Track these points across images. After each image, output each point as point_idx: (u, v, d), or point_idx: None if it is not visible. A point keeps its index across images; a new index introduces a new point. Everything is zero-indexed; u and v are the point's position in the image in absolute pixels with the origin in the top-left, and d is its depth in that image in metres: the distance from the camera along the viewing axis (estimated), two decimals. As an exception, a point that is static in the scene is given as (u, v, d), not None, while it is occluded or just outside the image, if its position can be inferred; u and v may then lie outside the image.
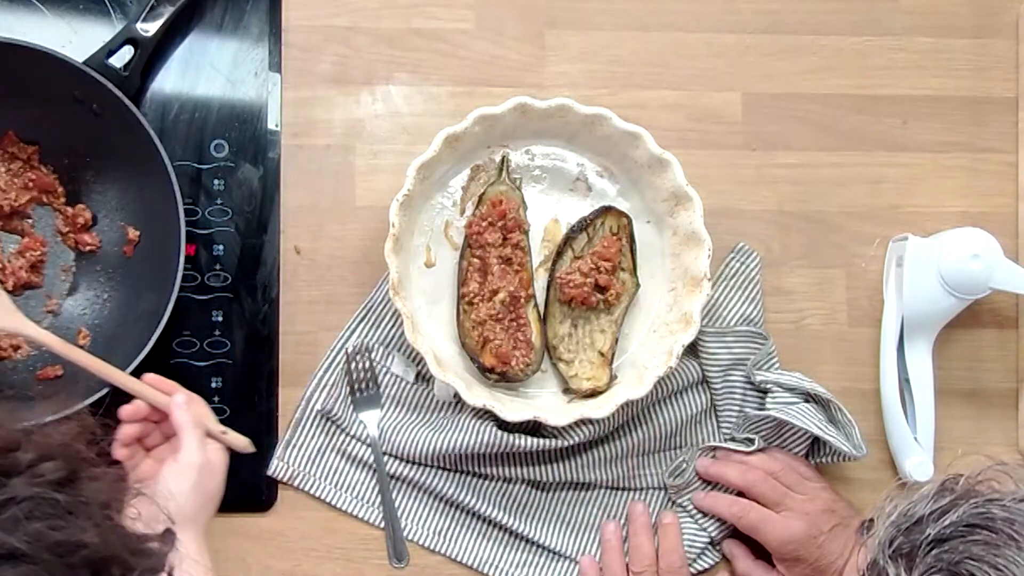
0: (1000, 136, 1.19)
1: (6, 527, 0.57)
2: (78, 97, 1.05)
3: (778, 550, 1.06)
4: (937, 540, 0.71)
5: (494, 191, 1.09)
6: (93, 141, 1.08)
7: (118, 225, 1.11)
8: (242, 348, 1.11)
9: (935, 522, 0.72)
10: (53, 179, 1.10)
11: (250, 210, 1.12)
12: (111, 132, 1.05)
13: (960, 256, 1.09)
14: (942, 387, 1.13)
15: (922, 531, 0.72)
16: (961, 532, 0.71)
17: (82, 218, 1.10)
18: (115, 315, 1.10)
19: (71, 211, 1.10)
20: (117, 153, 1.07)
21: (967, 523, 0.72)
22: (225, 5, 1.14)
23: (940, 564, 0.70)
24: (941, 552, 0.71)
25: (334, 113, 1.14)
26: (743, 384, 1.12)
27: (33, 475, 0.60)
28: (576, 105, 1.07)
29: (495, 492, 1.11)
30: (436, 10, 1.16)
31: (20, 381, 1.08)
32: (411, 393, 1.11)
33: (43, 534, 0.58)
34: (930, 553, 0.71)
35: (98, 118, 1.05)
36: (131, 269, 1.10)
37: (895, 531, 0.74)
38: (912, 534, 0.73)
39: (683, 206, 1.08)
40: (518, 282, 1.07)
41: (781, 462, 1.09)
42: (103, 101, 1.04)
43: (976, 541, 0.70)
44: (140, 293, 1.08)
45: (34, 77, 1.04)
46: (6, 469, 0.60)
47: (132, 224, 1.10)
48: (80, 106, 1.05)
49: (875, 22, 1.19)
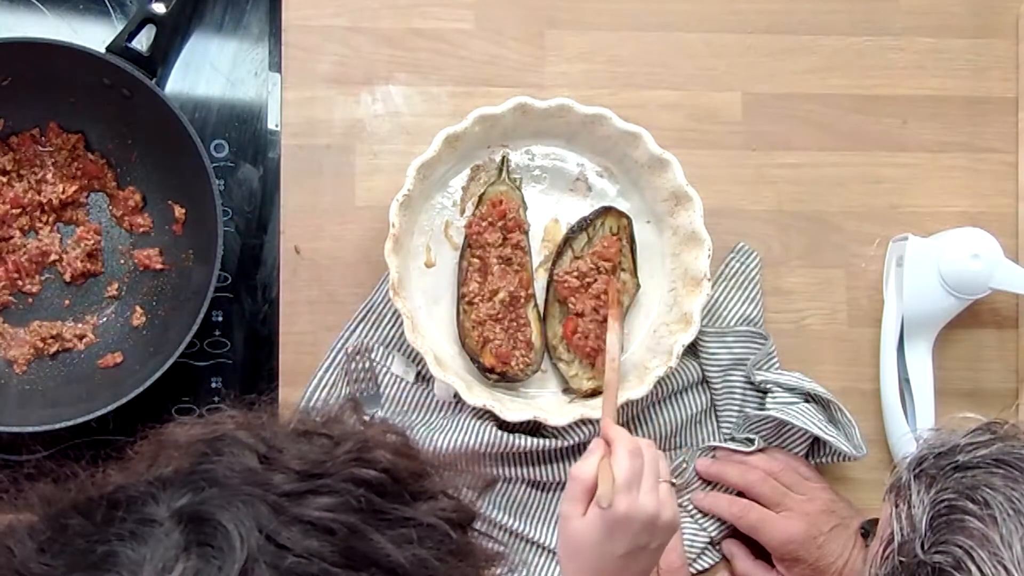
0: (1000, 136, 1.19)
1: (398, 541, 0.58)
2: (107, 83, 1.06)
3: (778, 550, 1.06)
4: (962, 467, 0.73)
5: (494, 191, 1.09)
6: (131, 123, 1.10)
7: (166, 204, 1.11)
8: (242, 348, 1.11)
9: (967, 452, 0.74)
10: (101, 164, 1.11)
11: (250, 210, 1.12)
12: (144, 112, 1.06)
13: (960, 256, 1.09)
14: (942, 387, 1.13)
15: (952, 458, 0.74)
16: (987, 464, 0.73)
17: (133, 200, 1.11)
18: (168, 295, 1.11)
19: (122, 194, 1.11)
20: (151, 133, 1.08)
21: (995, 458, 0.73)
22: (225, 5, 1.14)
23: (958, 487, 0.72)
24: (962, 477, 0.72)
25: (334, 113, 1.14)
26: (743, 384, 1.12)
27: (436, 506, 0.62)
28: (576, 105, 1.07)
29: (495, 492, 1.11)
30: (436, 10, 1.16)
31: (82, 369, 1.09)
32: (411, 393, 1.11)
33: (428, 562, 0.59)
34: (952, 476, 0.73)
35: (130, 100, 1.07)
36: (181, 247, 1.11)
37: (927, 452, 0.75)
38: (942, 459, 0.74)
39: (683, 206, 1.08)
40: (518, 282, 1.07)
41: (781, 462, 1.09)
42: (131, 84, 1.05)
43: (998, 474, 0.72)
44: (191, 271, 1.09)
45: (62, 70, 1.06)
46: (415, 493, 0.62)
47: (177, 202, 1.11)
48: (112, 91, 1.07)
49: (875, 22, 1.19)
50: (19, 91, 1.08)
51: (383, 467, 0.60)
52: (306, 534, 0.56)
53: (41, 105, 1.09)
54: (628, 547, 0.87)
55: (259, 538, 0.55)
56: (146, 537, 0.56)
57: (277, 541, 0.55)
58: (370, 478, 0.60)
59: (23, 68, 1.06)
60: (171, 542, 0.55)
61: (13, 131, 1.10)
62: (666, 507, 0.88)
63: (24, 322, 1.09)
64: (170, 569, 0.54)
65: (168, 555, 0.55)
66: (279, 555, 0.55)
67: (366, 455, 0.61)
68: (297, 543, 0.55)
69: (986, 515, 0.70)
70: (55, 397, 1.07)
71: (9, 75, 1.07)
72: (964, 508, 0.70)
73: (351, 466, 0.60)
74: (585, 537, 0.88)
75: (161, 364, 1.01)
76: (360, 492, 0.59)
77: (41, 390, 1.08)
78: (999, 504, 0.70)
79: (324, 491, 0.58)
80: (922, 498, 0.72)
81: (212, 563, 0.54)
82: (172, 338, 1.04)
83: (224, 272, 1.11)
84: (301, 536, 0.56)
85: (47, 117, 1.10)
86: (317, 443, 0.61)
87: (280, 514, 0.56)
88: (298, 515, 0.57)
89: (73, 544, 0.57)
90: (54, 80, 1.07)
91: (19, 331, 1.09)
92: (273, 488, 0.58)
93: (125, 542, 0.56)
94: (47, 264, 1.10)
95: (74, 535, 0.58)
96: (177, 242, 1.11)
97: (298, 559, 0.55)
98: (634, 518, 0.87)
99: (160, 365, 1.01)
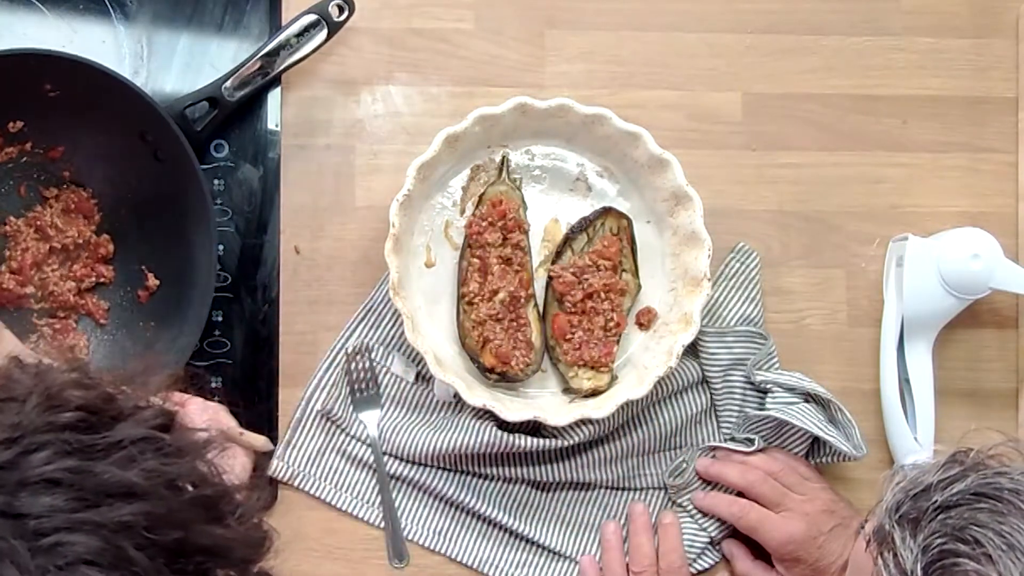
0: (1000, 136, 1.19)
1: (122, 464, 0.59)
2: (147, 139, 1.05)
3: (778, 550, 1.06)
4: (944, 507, 0.72)
5: (494, 191, 1.09)
6: (142, 182, 1.08)
7: (139, 268, 1.10)
8: (242, 348, 1.11)
9: (943, 490, 0.73)
10: (92, 204, 1.10)
11: (250, 210, 1.12)
12: (167, 181, 1.05)
13: (960, 256, 1.09)
14: (942, 387, 1.13)
15: (929, 498, 0.73)
16: (968, 500, 0.72)
17: (104, 248, 1.10)
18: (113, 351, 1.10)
19: (95, 239, 1.10)
20: (165, 202, 1.07)
21: (974, 492, 0.72)
22: (225, 5, 1.14)
23: (945, 529, 0.71)
24: (947, 518, 0.71)
25: (334, 113, 1.14)
26: (743, 384, 1.12)
27: (136, 420, 0.63)
28: (576, 105, 1.07)
29: (495, 492, 1.11)
30: (436, 10, 1.16)
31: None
32: (411, 393, 1.11)
33: (158, 470, 0.60)
34: (936, 519, 0.71)
35: (159, 163, 1.06)
36: (141, 315, 1.10)
37: (903, 496, 0.74)
38: (919, 500, 0.73)
39: (683, 206, 1.08)
40: (518, 282, 1.07)
41: (781, 462, 1.09)
42: (169, 150, 1.04)
43: (982, 509, 0.71)
44: (150, 343, 1.08)
45: (110, 106, 1.04)
46: (111, 415, 0.62)
47: (154, 272, 1.10)
48: (146, 146, 1.06)
49: (875, 22, 1.19)
50: (59, 108, 1.06)
51: (75, 405, 0.61)
52: (36, 494, 0.57)
53: (66, 127, 1.08)
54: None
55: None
56: None
57: (12, 513, 0.56)
58: (68, 420, 0.60)
59: (78, 89, 1.03)
60: None
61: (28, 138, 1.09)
62: None
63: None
64: None
65: None
66: (20, 525, 0.56)
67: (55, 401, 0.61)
68: (32, 506, 0.57)
69: (980, 554, 0.68)
70: None
71: (60, 90, 1.05)
72: (956, 551, 0.69)
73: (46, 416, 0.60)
74: None
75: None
76: (66, 436, 0.59)
77: None
78: (990, 541, 0.69)
79: (33, 449, 0.59)
80: (909, 545, 0.71)
81: None
82: None
83: (224, 272, 1.11)
84: (32, 498, 0.57)
85: (62, 141, 1.09)
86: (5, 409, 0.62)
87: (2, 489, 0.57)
88: (20, 480, 0.57)
89: None
90: (96, 112, 1.05)
91: None
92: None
93: None
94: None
95: None
96: (137, 308, 1.10)
97: (39, 520, 0.56)
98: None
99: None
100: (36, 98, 1.05)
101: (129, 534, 0.57)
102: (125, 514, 0.58)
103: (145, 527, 0.58)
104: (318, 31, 1.10)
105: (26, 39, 1.11)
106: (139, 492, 0.59)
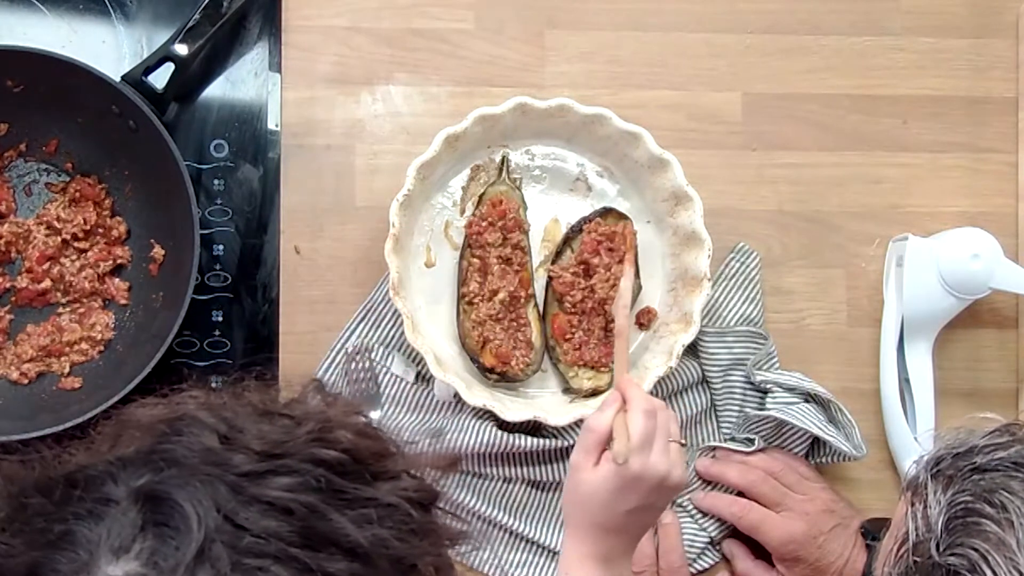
0: (1000, 136, 1.19)
1: (358, 521, 0.58)
2: (116, 111, 1.05)
3: (778, 550, 1.06)
4: (981, 469, 0.72)
5: (494, 191, 1.09)
6: (131, 155, 1.09)
7: (148, 242, 1.11)
8: (242, 348, 1.11)
9: (986, 454, 0.73)
10: (99, 190, 1.11)
11: (250, 210, 1.12)
12: (145, 147, 1.06)
13: (960, 256, 1.09)
14: (942, 387, 1.13)
15: (970, 458, 0.73)
16: (1006, 467, 0.72)
17: (116, 231, 1.11)
18: (131, 333, 1.10)
19: (108, 223, 1.11)
20: (149, 169, 1.08)
21: (1014, 460, 0.72)
22: (225, 5, 1.14)
23: (977, 489, 0.71)
24: (980, 479, 0.72)
25: (334, 113, 1.14)
26: (743, 384, 1.12)
27: (398, 486, 0.62)
28: (576, 105, 1.07)
29: (495, 492, 1.11)
30: (436, 10, 1.16)
31: (39, 386, 1.08)
32: (411, 393, 1.11)
33: (388, 542, 0.59)
34: (970, 478, 0.72)
35: (135, 133, 1.06)
36: (153, 287, 1.10)
37: (946, 452, 0.75)
38: (960, 459, 0.74)
39: (683, 206, 1.08)
40: (518, 282, 1.07)
41: (781, 462, 1.09)
42: (138, 118, 1.04)
43: (1017, 477, 0.71)
44: (157, 312, 1.08)
45: (76, 89, 1.05)
46: (376, 473, 0.61)
47: (160, 242, 1.10)
48: (120, 120, 1.06)
49: (875, 22, 1.19)
50: (30, 101, 1.07)
51: (344, 447, 0.60)
52: (264, 514, 0.56)
53: (48, 119, 1.09)
54: (635, 504, 0.88)
55: (217, 518, 0.55)
56: (103, 516, 0.56)
57: (235, 521, 0.55)
58: (330, 458, 0.60)
59: (38, 80, 1.05)
60: (128, 521, 0.55)
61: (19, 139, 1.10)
62: (676, 468, 0.89)
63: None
64: (127, 548, 0.54)
65: (125, 534, 0.55)
66: (237, 535, 0.55)
67: (327, 435, 0.61)
68: (255, 523, 0.56)
69: (1003, 519, 0.69)
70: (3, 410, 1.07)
71: (24, 84, 1.06)
72: (981, 511, 0.70)
73: (312, 446, 0.60)
74: (594, 490, 0.88)
75: (106, 399, 1.00)
76: (320, 472, 0.59)
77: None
78: (1016, 508, 0.69)
79: (284, 471, 0.58)
80: (939, 498, 0.72)
81: (169, 543, 0.54)
82: (124, 375, 1.02)
83: (224, 272, 1.11)
84: (259, 516, 0.56)
85: (52, 133, 1.10)
86: (279, 423, 0.61)
87: (239, 494, 0.56)
88: (257, 495, 0.57)
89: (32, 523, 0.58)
90: (66, 97, 1.06)
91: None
92: (232, 468, 0.57)
93: (82, 521, 0.56)
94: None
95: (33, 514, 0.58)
96: (150, 282, 1.10)
97: (256, 539, 0.55)
98: (645, 478, 0.87)
99: (105, 400, 1.00)
100: (3, 95, 1.06)
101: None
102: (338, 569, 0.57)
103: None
104: None
105: (26, 39, 1.11)
106: (361, 554, 0.58)
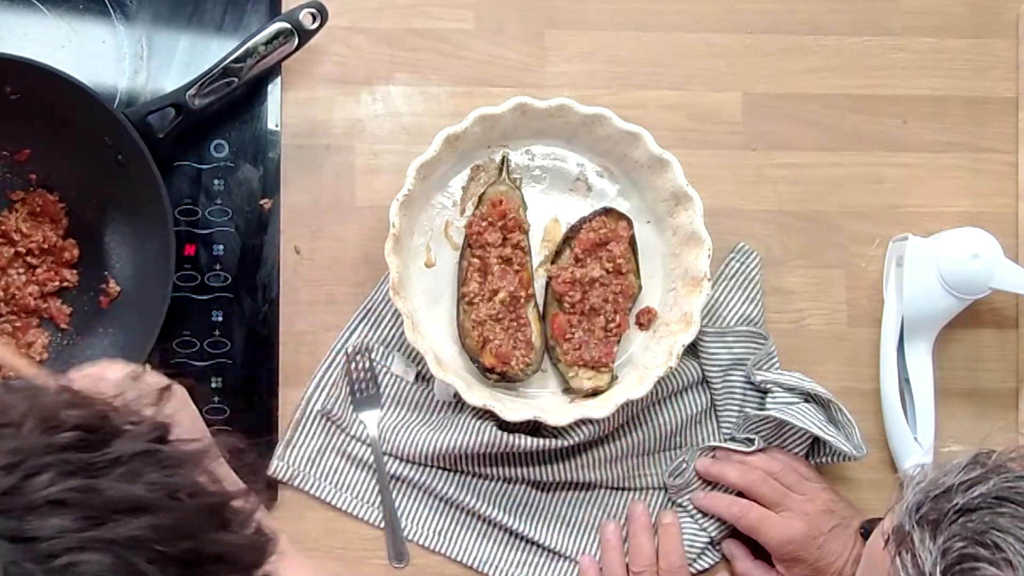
0: (1000, 136, 1.19)
1: (125, 479, 0.59)
2: (108, 142, 1.04)
3: (778, 550, 1.06)
4: (964, 509, 0.72)
5: (494, 191, 1.09)
6: (109, 186, 1.08)
7: (102, 274, 1.10)
8: (242, 348, 1.11)
9: (964, 492, 0.72)
10: (60, 208, 1.10)
11: (250, 210, 1.12)
12: (129, 185, 1.05)
13: (960, 256, 1.09)
14: (942, 387, 1.13)
15: (950, 500, 0.72)
16: (989, 504, 0.71)
17: (69, 253, 1.10)
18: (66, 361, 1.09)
19: (60, 243, 1.09)
20: (126, 206, 1.07)
21: (996, 495, 0.72)
22: (225, 5, 1.14)
23: (965, 532, 0.70)
24: (967, 521, 0.71)
25: (334, 113, 1.14)
26: (743, 384, 1.12)
27: (133, 435, 0.62)
28: (576, 105, 1.07)
29: (495, 492, 1.11)
30: (436, 10, 1.16)
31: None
32: (411, 393, 1.12)
33: (161, 482, 0.60)
34: (956, 522, 0.71)
35: (121, 168, 1.05)
36: (101, 320, 1.09)
37: (923, 497, 0.74)
38: (940, 502, 0.73)
39: (683, 206, 1.08)
40: (518, 282, 1.07)
41: (781, 462, 1.09)
42: (130, 154, 1.03)
43: (1003, 513, 0.71)
44: (102, 345, 1.08)
45: (70, 109, 1.03)
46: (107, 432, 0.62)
47: (116, 279, 1.09)
48: (108, 151, 1.05)
49: (875, 22, 1.19)
50: (24, 111, 1.05)
51: (72, 424, 0.61)
52: (43, 517, 0.57)
53: (30, 129, 1.07)
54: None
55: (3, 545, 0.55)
56: None
57: (22, 537, 0.56)
58: (66, 440, 0.60)
59: (39, 93, 1.03)
60: None
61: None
62: None
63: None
64: None
65: None
66: (31, 549, 0.56)
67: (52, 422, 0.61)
68: (41, 529, 0.56)
69: (1000, 559, 0.68)
70: None
71: (22, 92, 1.04)
72: (976, 555, 0.69)
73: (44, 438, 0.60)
74: None
75: None
76: (66, 456, 0.59)
77: None
78: (1010, 546, 0.69)
79: (35, 472, 0.58)
80: (928, 547, 0.71)
81: None
82: None
83: (224, 272, 1.11)
84: (40, 521, 0.56)
85: (28, 143, 1.08)
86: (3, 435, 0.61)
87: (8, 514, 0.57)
88: (26, 504, 0.57)
89: None
90: (55, 114, 1.05)
91: None
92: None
93: None
94: None
95: None
96: (98, 312, 1.10)
97: (50, 542, 0.56)
98: None
99: None
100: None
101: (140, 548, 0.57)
102: (134, 529, 0.57)
103: (154, 540, 0.58)
104: (288, 39, 1.07)
105: (26, 39, 1.11)
106: (145, 505, 0.59)
